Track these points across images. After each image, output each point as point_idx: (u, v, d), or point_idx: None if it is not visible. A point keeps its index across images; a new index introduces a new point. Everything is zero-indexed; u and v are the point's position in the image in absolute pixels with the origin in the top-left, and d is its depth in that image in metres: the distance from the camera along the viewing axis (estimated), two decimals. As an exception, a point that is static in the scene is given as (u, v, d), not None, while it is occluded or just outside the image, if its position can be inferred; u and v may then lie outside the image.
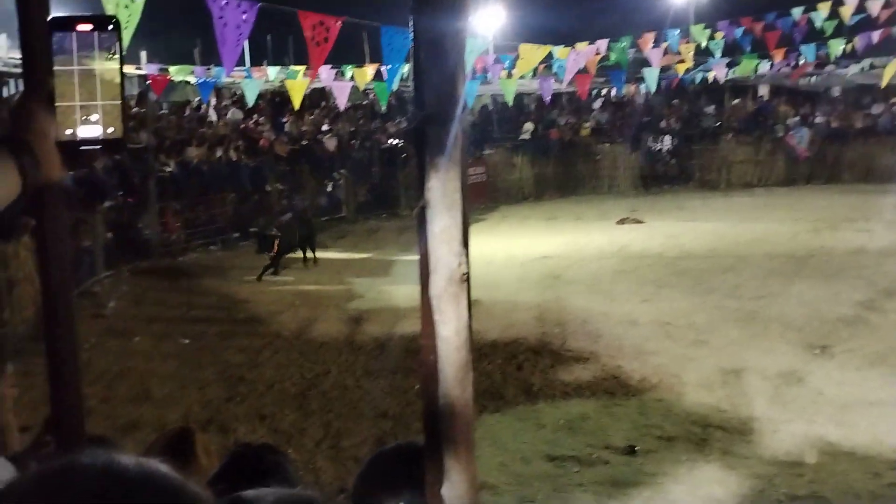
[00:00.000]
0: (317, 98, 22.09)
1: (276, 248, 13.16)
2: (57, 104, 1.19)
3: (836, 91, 26.03)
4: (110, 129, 1.20)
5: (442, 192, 0.94)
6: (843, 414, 6.69)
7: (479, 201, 20.46)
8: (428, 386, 0.97)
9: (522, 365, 8.22)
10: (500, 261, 13.64)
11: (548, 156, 23.98)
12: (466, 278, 0.96)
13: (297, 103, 15.25)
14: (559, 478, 5.80)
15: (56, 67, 1.19)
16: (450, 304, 0.94)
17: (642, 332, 9.24)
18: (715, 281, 11.62)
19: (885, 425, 6.40)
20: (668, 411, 6.93)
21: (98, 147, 1.22)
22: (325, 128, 21.12)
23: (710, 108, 25.70)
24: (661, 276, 12.12)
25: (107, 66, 1.20)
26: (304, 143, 19.98)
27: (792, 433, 6.34)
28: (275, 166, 18.62)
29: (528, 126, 24.35)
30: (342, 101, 16.91)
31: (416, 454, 1.36)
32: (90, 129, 1.19)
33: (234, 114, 20.42)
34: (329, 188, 19.96)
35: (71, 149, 1.20)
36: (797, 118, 24.15)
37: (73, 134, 1.18)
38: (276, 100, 21.39)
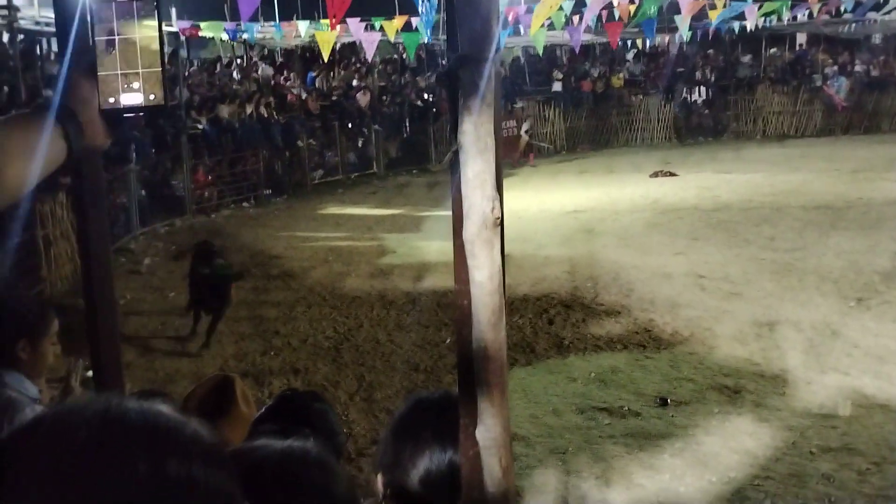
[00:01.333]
0: (347, 53, 22.00)
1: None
2: (99, 73, 1.20)
3: (876, 38, 25.34)
4: (151, 96, 1.22)
5: (475, 135, 0.93)
6: (878, 366, 6.63)
7: (511, 155, 20.32)
8: (462, 330, 0.98)
9: (554, 319, 8.23)
10: (531, 215, 13.60)
11: (580, 108, 23.70)
12: (500, 223, 0.96)
13: (326, 55, 15.20)
14: (590, 430, 5.82)
15: (97, 38, 1.20)
16: (483, 248, 0.94)
17: (675, 285, 9.18)
18: (750, 233, 11.49)
19: (920, 377, 6.36)
20: (700, 364, 6.91)
21: (140, 113, 1.24)
22: (355, 83, 21.04)
23: (747, 58, 25.19)
24: (695, 229, 12.01)
25: (146, 34, 1.21)
26: (335, 98, 19.93)
27: (825, 386, 6.30)
28: (306, 122, 18.63)
29: (559, 76, 24.04)
30: (370, 53, 16.80)
31: (449, 403, 1.38)
32: (132, 97, 1.21)
33: (264, 70, 20.41)
34: (360, 144, 19.95)
35: (114, 116, 1.22)
36: (835, 67, 23.61)
37: (116, 102, 1.20)
38: (306, 55, 21.34)
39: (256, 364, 7.44)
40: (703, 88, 24.00)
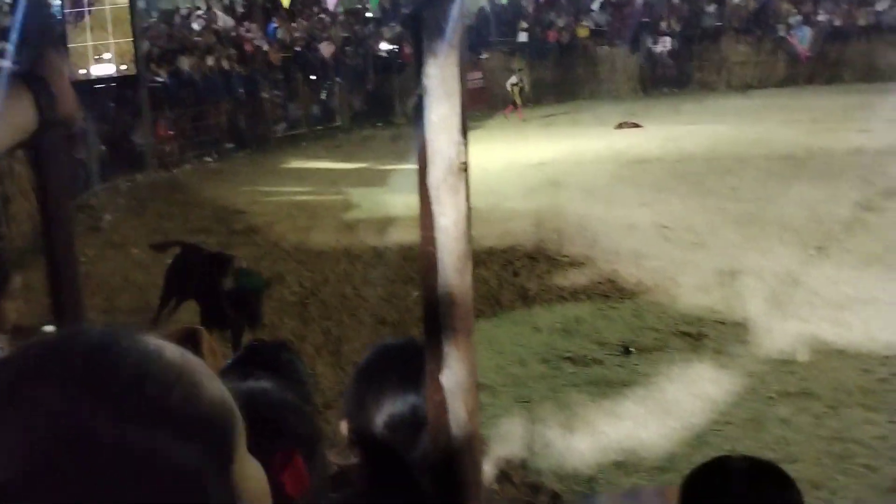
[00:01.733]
0: (309, 2, 21.62)
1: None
2: (70, 45, 1.19)
3: (839, -12, 25.44)
4: (123, 67, 1.20)
5: (440, 79, 0.92)
6: (836, 313, 6.79)
7: (477, 107, 20.20)
8: (427, 277, 0.98)
9: (519, 271, 8.29)
10: (497, 168, 13.58)
11: (546, 59, 23.56)
12: (465, 168, 0.95)
13: (286, 3, 14.89)
14: (554, 378, 5.92)
15: (66, 9, 1.18)
16: (448, 194, 0.94)
17: (639, 236, 9.27)
18: (714, 184, 11.61)
19: (877, 323, 6.52)
20: (663, 313, 7.02)
21: (112, 84, 1.23)
22: (318, 35, 20.72)
23: (711, 8, 25.14)
24: (660, 180, 12.09)
25: (118, 4, 1.19)
26: (297, 50, 19.62)
27: (785, 332, 6.44)
28: (268, 75, 18.34)
29: (524, 26, 23.82)
30: (332, 3, 16.51)
31: (413, 349, 1.38)
32: (103, 68, 1.20)
33: (224, 21, 20.00)
34: (323, 96, 19.70)
35: (86, 87, 1.21)
36: (799, 17, 23.67)
37: (87, 73, 1.19)
38: (267, 6, 20.93)
39: (222, 319, 7.40)
40: (667, 39, 23.95)
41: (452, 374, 0.97)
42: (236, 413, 0.60)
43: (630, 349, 6.29)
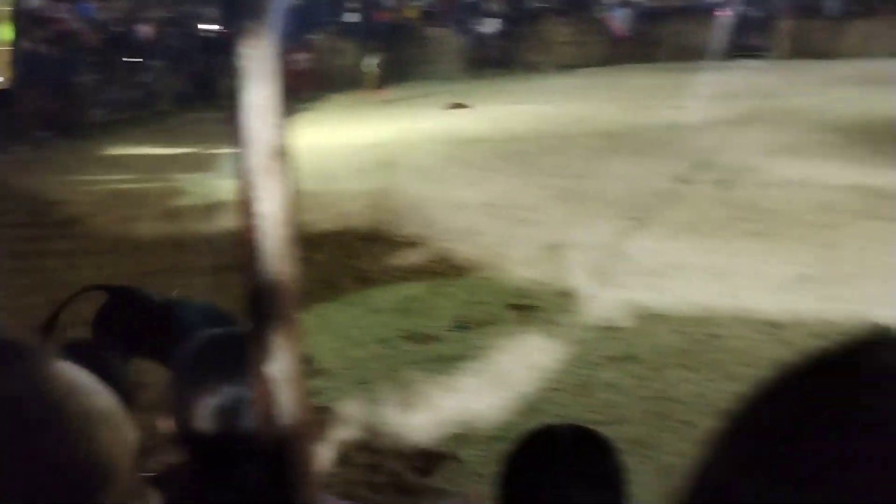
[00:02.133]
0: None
1: None
2: None
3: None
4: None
5: (256, 60, 0.90)
6: (655, 280, 7.20)
7: (307, 88, 19.89)
8: (250, 264, 0.96)
9: (354, 253, 8.28)
10: (329, 150, 13.46)
11: (375, 40, 23.51)
12: (285, 152, 0.94)
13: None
14: (392, 358, 5.97)
15: None
16: (268, 179, 0.93)
17: (470, 214, 9.47)
18: (539, 162, 12.01)
19: (691, 287, 6.98)
20: (494, 288, 7.22)
21: None
22: (137, 14, 19.73)
23: (532, -11, 25.90)
24: (489, 160, 12.39)
25: None
26: (115, 30, 18.62)
27: (608, 300, 6.77)
28: (85, 56, 17.30)
29: (353, 6, 23.66)
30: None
31: (234, 340, 1.35)
32: None
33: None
34: (145, 79, 18.81)
35: None
36: (615, -1, 24.79)
37: None
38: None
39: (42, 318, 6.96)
40: (493, 20, 24.46)
41: (277, 364, 0.96)
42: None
43: (466, 325, 6.43)
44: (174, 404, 1.40)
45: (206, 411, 1.33)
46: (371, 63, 20.77)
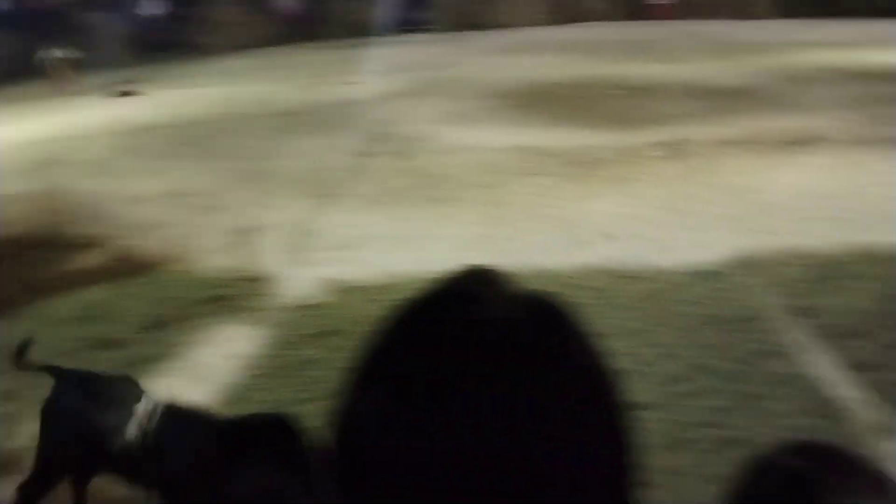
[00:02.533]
0: None
1: None
2: None
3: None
4: None
5: None
6: (345, 253, 7.38)
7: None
8: None
9: (27, 262, 7.59)
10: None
11: (19, 28, 21.45)
12: None
13: None
14: (89, 365, 5.58)
15: None
16: None
17: (152, 206, 9.06)
18: (221, 146, 11.74)
19: (381, 257, 7.24)
20: (185, 282, 6.99)
21: None
22: None
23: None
24: (167, 147, 11.89)
25: None
26: None
27: (306, 278, 6.84)
28: None
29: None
30: None
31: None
32: None
33: None
34: None
35: None
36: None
37: None
38: None
39: None
40: (161, 2, 23.35)
41: None
42: None
43: (159, 322, 6.16)
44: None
45: None
46: (55, 54, 18.85)
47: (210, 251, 7.61)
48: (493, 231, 7.75)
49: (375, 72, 16.55)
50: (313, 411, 4.79)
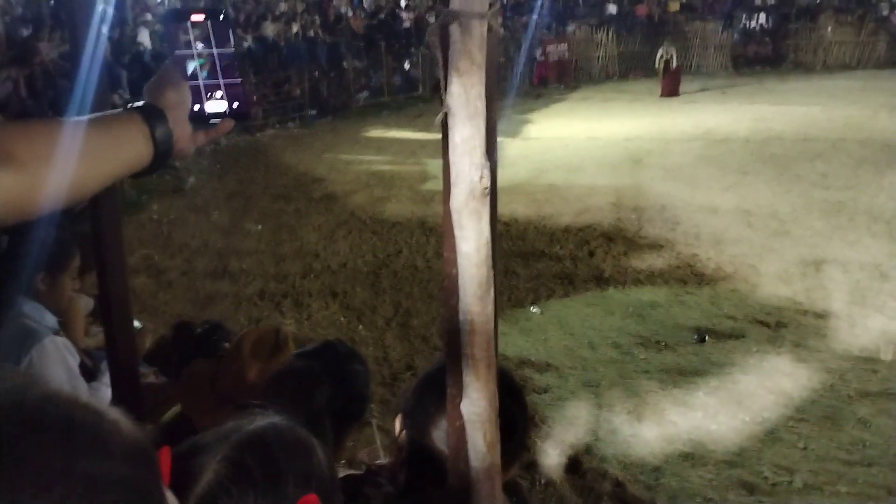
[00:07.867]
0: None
1: None
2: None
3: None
4: (235, 104, 1.21)
5: (464, 98, 0.87)
6: (925, 310, 6.47)
7: (562, 80, 19.88)
8: (449, 301, 0.94)
9: (595, 251, 8.15)
10: (578, 143, 13.38)
11: (633, 33, 23.04)
12: (489, 192, 0.90)
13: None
14: (625, 364, 5.80)
15: (177, 52, 1.20)
16: (470, 219, 0.89)
17: (722, 220, 9.00)
18: (802, 169, 11.17)
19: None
20: (741, 302, 6.80)
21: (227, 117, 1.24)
22: (402, 2, 20.68)
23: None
24: (746, 163, 11.71)
25: (225, 51, 1.21)
26: (382, 18, 19.62)
27: (869, 329, 6.17)
28: (351, 43, 18.41)
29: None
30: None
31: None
32: (216, 105, 1.21)
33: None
34: (406, 65, 19.69)
35: (200, 120, 1.21)
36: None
37: (202, 109, 1.19)
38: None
39: (296, 286, 7.51)
40: (762, 15, 23.12)
41: (471, 404, 0.92)
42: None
43: (705, 337, 6.12)
44: (408, 409, 1.44)
45: (435, 427, 1.34)
46: (661, 55, 19.74)
47: (772, 276, 7.29)
48: None
49: None
50: (858, 477, 4.30)
